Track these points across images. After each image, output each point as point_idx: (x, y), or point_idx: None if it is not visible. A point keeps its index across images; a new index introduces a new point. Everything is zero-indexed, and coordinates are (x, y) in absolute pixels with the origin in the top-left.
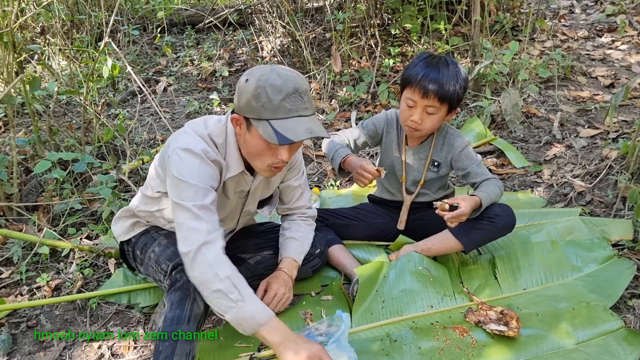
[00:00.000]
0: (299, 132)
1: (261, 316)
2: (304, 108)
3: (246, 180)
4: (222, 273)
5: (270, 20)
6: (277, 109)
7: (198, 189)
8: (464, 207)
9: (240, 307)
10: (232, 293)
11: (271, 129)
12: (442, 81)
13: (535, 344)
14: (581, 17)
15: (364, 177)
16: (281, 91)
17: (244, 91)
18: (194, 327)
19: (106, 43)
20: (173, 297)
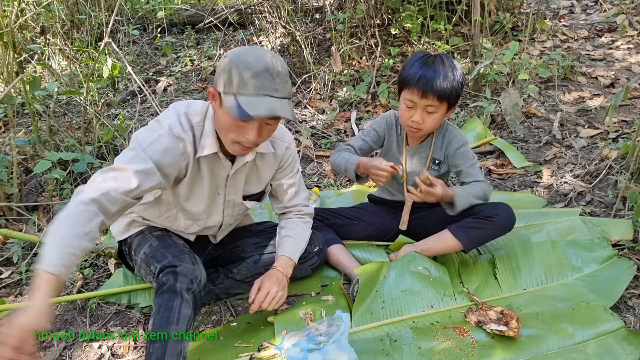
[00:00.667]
0: (261, 109)
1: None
2: (274, 89)
3: (224, 165)
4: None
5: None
6: (245, 84)
7: (138, 155)
8: (437, 190)
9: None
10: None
11: (236, 102)
12: (440, 79)
13: (535, 344)
14: (581, 17)
15: (380, 175)
16: (251, 68)
17: (220, 66)
18: (184, 327)
19: (106, 43)
20: (161, 300)
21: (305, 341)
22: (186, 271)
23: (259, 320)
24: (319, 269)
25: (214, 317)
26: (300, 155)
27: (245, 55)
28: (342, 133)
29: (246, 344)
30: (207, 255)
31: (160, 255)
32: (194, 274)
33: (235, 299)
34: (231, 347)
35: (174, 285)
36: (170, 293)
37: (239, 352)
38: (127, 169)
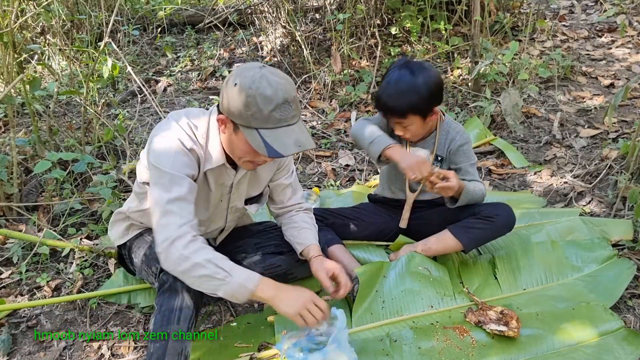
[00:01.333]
0: (288, 145)
1: (250, 282)
2: (292, 116)
3: (228, 174)
4: (201, 259)
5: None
6: (267, 119)
7: (172, 178)
8: (453, 181)
9: (229, 282)
10: (218, 274)
11: (260, 139)
12: (393, 100)
13: (535, 344)
14: (581, 17)
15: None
16: (272, 102)
17: (232, 96)
18: (185, 326)
19: (106, 43)
20: (162, 299)
21: (305, 341)
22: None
23: (259, 320)
24: None
25: (214, 317)
26: (300, 155)
27: (260, 86)
28: (342, 133)
29: (246, 344)
30: None
31: None
32: None
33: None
34: (231, 347)
35: (174, 284)
36: (171, 292)
37: (239, 352)
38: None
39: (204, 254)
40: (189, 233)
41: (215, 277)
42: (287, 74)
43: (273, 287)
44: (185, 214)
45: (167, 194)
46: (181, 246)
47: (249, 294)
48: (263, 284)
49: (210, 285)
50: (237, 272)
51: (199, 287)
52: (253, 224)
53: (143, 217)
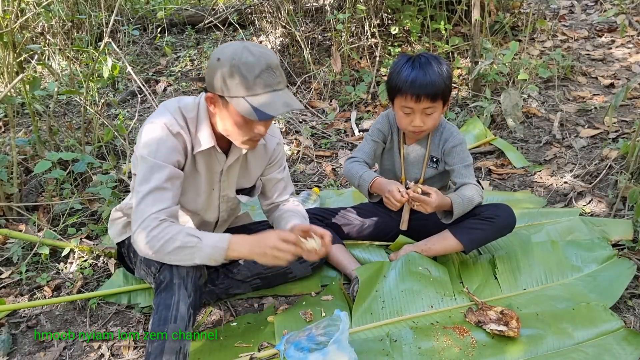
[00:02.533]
0: (277, 106)
1: (222, 242)
2: (277, 82)
3: (219, 159)
4: (170, 234)
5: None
6: (253, 85)
7: (153, 166)
8: (433, 198)
9: (202, 247)
10: (189, 242)
11: (249, 105)
12: (430, 80)
13: (535, 344)
14: (581, 17)
15: (392, 203)
16: (255, 68)
17: (217, 70)
18: (183, 325)
19: (106, 43)
20: (159, 299)
21: (305, 341)
22: (184, 268)
23: (259, 320)
24: (319, 269)
25: (214, 317)
26: (300, 155)
27: (242, 55)
28: (342, 133)
29: (246, 344)
30: None
31: None
32: (193, 272)
33: (235, 299)
34: (231, 347)
35: (171, 282)
36: (168, 291)
37: (238, 352)
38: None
39: (173, 229)
40: (159, 218)
41: (188, 246)
42: (287, 74)
43: (245, 243)
44: (161, 203)
45: (146, 183)
46: (151, 229)
47: (223, 254)
48: (235, 242)
49: (185, 256)
50: (207, 236)
51: (176, 261)
52: (252, 224)
53: None
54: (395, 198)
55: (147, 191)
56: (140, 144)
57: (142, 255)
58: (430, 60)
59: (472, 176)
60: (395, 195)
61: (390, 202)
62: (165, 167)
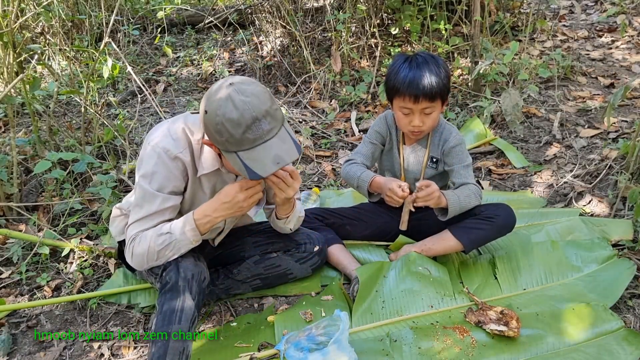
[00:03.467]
0: (267, 164)
1: (188, 225)
2: (267, 132)
3: (226, 179)
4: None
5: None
6: (241, 141)
7: (146, 195)
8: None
9: (177, 238)
10: (164, 242)
11: (240, 162)
12: (428, 80)
13: (535, 344)
14: (581, 17)
15: (394, 200)
16: (240, 124)
17: (206, 124)
18: (186, 326)
19: (106, 43)
20: (164, 299)
21: (305, 341)
22: (189, 270)
23: (259, 320)
24: (319, 269)
25: (214, 317)
26: (300, 155)
27: (226, 111)
28: (342, 133)
29: (246, 344)
30: (207, 255)
31: None
32: (197, 273)
33: (235, 299)
34: (231, 347)
35: (176, 284)
36: (173, 292)
37: (238, 352)
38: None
39: (144, 238)
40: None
41: (165, 244)
42: (287, 74)
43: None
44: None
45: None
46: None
47: (197, 232)
48: (198, 216)
49: (169, 252)
50: (174, 226)
51: (166, 259)
52: (253, 224)
53: None
54: (397, 195)
55: (137, 219)
56: (139, 163)
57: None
58: (427, 60)
59: (472, 176)
60: (396, 192)
61: (392, 199)
62: (157, 196)
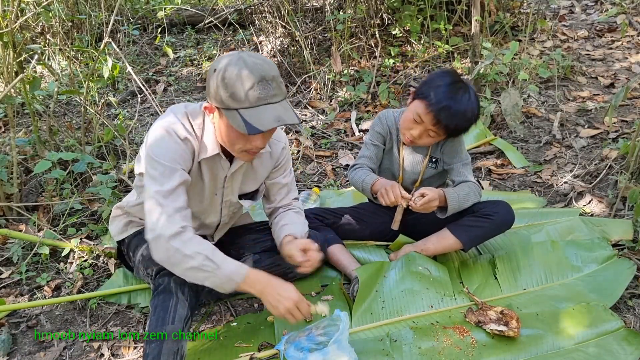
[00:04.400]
0: (268, 121)
1: (237, 276)
2: (273, 95)
3: (223, 166)
4: (190, 251)
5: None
6: (245, 98)
7: (164, 170)
8: (430, 194)
9: (217, 274)
10: (206, 266)
11: (240, 118)
12: (458, 116)
13: (535, 344)
14: (581, 17)
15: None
16: (248, 80)
17: (212, 81)
18: (179, 326)
19: (106, 43)
20: (157, 300)
21: (305, 341)
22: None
23: (259, 320)
24: (319, 269)
25: (214, 317)
26: (300, 155)
27: (236, 67)
28: (342, 133)
29: (246, 344)
30: None
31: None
32: None
33: (235, 299)
34: (231, 347)
35: (169, 285)
36: (166, 293)
37: (239, 352)
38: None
39: (193, 246)
40: (178, 224)
41: (203, 269)
42: (287, 74)
43: (260, 282)
44: (176, 205)
45: (159, 186)
46: (170, 238)
47: (235, 287)
48: (250, 278)
49: (198, 276)
50: (225, 265)
51: (187, 277)
52: (253, 224)
53: (141, 212)
54: (388, 197)
55: (162, 193)
56: (149, 146)
57: (157, 260)
58: (472, 99)
59: (471, 174)
60: (390, 195)
61: (384, 197)
62: (177, 170)
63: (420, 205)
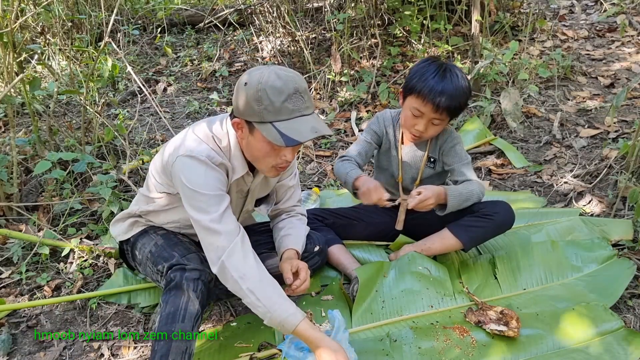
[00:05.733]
0: (304, 132)
1: (290, 323)
2: (306, 107)
3: (246, 181)
4: (246, 286)
5: (270, 20)
6: (280, 110)
7: (210, 198)
8: (424, 192)
9: (270, 317)
10: (259, 307)
11: (276, 131)
12: (455, 96)
13: (535, 344)
14: (581, 17)
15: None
16: (282, 92)
17: (244, 94)
18: (190, 325)
19: (106, 43)
20: (168, 297)
21: None
22: (195, 270)
23: (259, 320)
24: (319, 269)
25: (214, 317)
26: (300, 155)
27: (269, 79)
28: (342, 133)
29: (246, 344)
30: None
31: (167, 254)
32: (202, 273)
33: (235, 299)
34: (231, 347)
35: (181, 283)
36: (178, 290)
37: (239, 352)
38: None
39: (248, 281)
40: (237, 245)
41: (257, 308)
42: None
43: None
44: (230, 229)
45: (207, 215)
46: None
47: (289, 330)
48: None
49: (256, 311)
50: (276, 309)
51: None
52: (254, 224)
53: (154, 217)
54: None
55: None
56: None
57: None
58: (458, 75)
59: (473, 173)
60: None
61: (366, 196)
62: (220, 196)
63: (414, 205)
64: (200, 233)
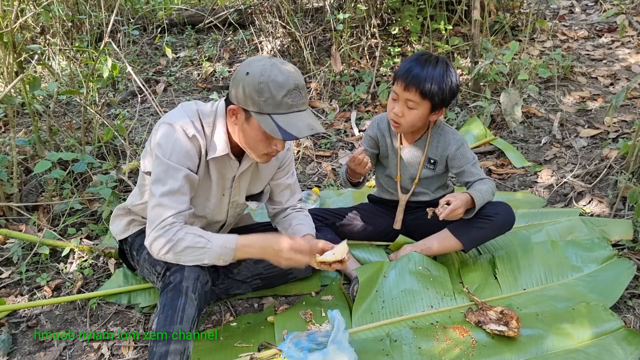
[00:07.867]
0: (302, 128)
1: (230, 243)
2: (302, 103)
3: (232, 166)
4: (181, 234)
5: (270, 20)
6: (280, 104)
7: (169, 168)
8: (454, 202)
9: (210, 247)
10: (198, 243)
11: (274, 124)
12: (424, 77)
13: (535, 344)
14: (581, 17)
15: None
16: (283, 87)
17: (244, 84)
18: (187, 327)
19: (106, 43)
20: (165, 299)
21: (305, 341)
22: (193, 271)
23: (259, 320)
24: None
25: (214, 317)
26: (300, 155)
27: (272, 73)
28: (342, 133)
29: (246, 344)
30: None
31: None
32: (200, 274)
33: (235, 299)
34: (231, 347)
35: (179, 284)
36: (176, 292)
37: (239, 352)
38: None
39: (182, 232)
40: (176, 223)
41: (197, 246)
42: None
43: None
44: (176, 206)
45: (162, 186)
46: (162, 233)
47: (232, 253)
48: (243, 244)
49: (195, 256)
50: (216, 237)
51: (186, 261)
52: (253, 224)
53: (144, 212)
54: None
55: (162, 193)
56: (155, 144)
57: (155, 257)
58: (439, 63)
59: (482, 172)
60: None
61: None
62: (180, 169)
63: (446, 215)
64: (151, 202)
